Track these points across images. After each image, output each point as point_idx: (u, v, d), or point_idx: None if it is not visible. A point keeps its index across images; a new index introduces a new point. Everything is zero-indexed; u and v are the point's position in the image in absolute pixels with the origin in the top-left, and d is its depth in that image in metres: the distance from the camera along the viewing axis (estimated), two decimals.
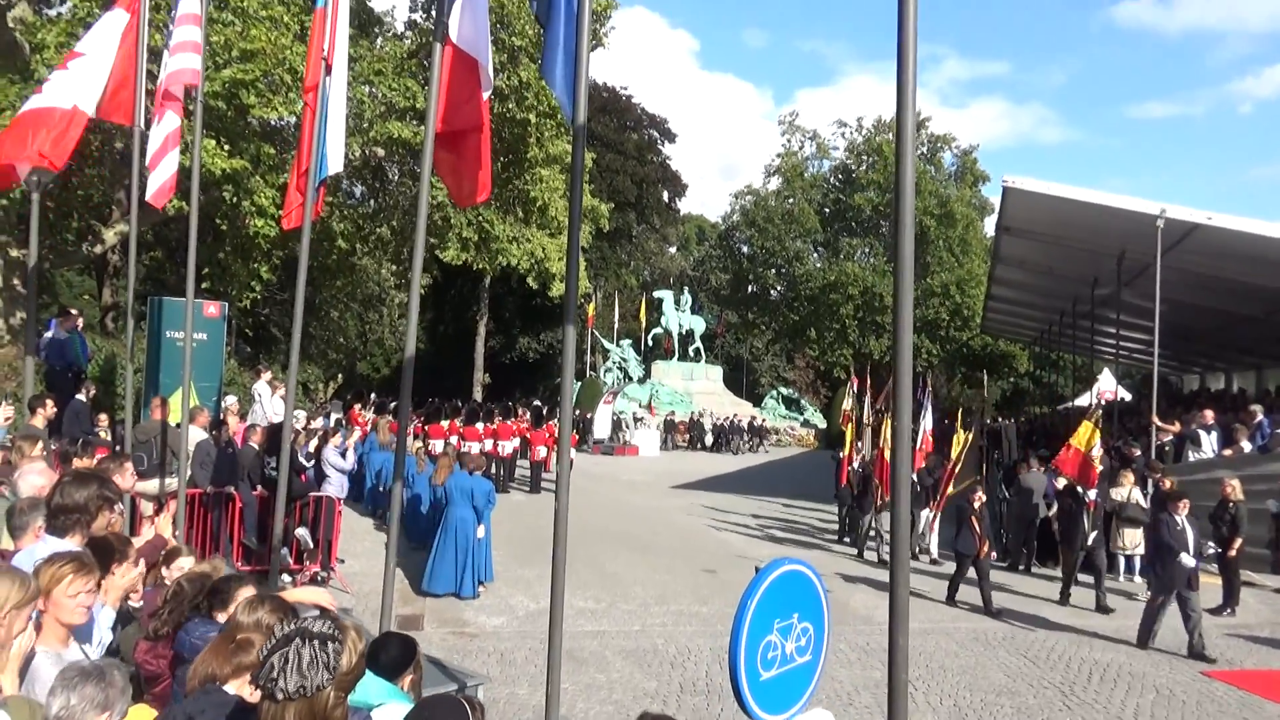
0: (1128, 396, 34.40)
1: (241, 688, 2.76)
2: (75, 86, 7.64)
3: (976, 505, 11.14)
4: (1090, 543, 11.48)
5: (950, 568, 12.78)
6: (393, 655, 3.24)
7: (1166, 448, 15.37)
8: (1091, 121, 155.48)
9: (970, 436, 14.55)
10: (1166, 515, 9.63)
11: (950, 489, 13.69)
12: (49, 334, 11.54)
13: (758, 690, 2.72)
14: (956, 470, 13.71)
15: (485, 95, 5.60)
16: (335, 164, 6.91)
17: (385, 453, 15.65)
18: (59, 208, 17.75)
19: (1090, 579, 11.37)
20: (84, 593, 3.12)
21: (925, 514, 14.03)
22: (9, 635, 2.81)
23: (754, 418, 44.86)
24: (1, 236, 15.68)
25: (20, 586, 2.83)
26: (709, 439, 40.29)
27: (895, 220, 3.01)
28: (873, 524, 14.11)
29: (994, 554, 12.12)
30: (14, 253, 15.58)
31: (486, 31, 5.65)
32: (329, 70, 6.78)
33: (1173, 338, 25.04)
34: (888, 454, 12.57)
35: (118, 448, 9.07)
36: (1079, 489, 11.72)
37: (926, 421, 15.01)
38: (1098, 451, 11.75)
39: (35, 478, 5.11)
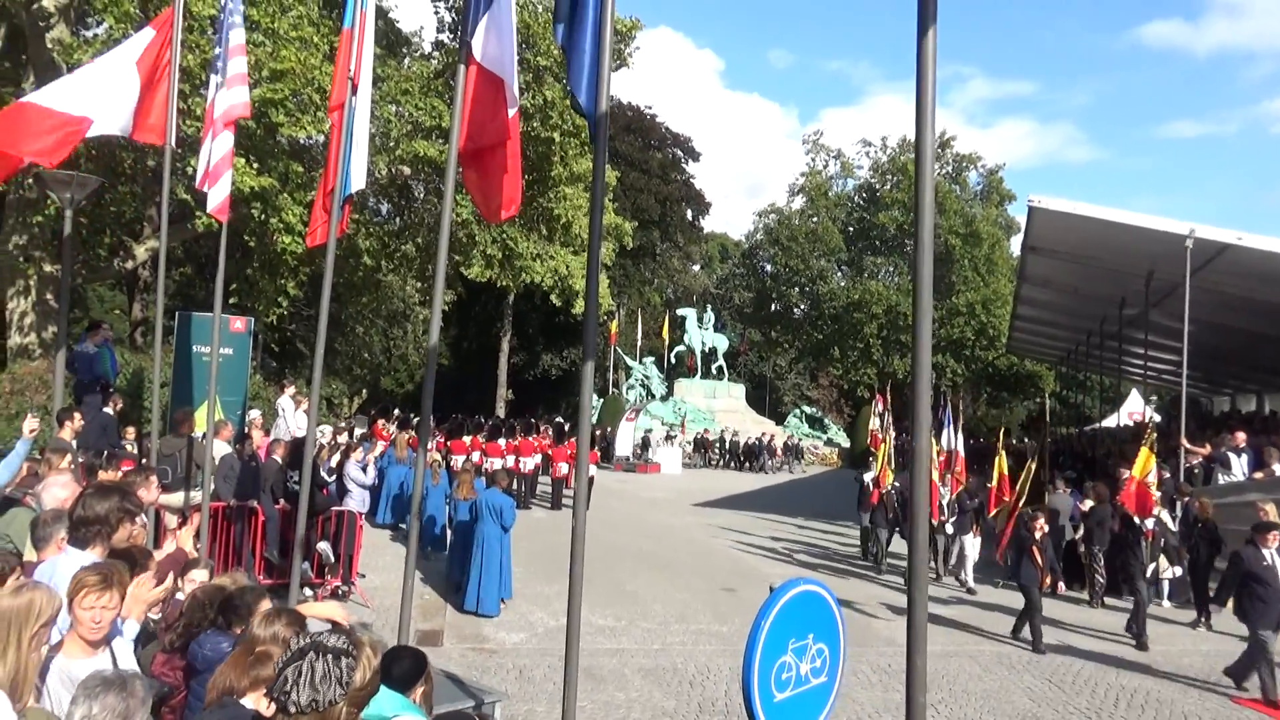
0: (1157, 418, 33.90)
1: (259, 701, 2.77)
2: (89, 97, 7.75)
3: (1039, 535, 10.71)
4: (1149, 574, 11.17)
5: (986, 595, 12.55)
6: (405, 668, 3.25)
7: (1196, 470, 15.13)
8: (1120, 141, 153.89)
9: (1034, 466, 13.78)
10: (1253, 549, 8.90)
11: (1002, 515, 13.21)
12: (79, 347, 11.71)
13: (771, 712, 2.68)
14: (1019, 502, 12.84)
15: (512, 112, 5.64)
16: (358, 181, 6.99)
17: (402, 466, 15.77)
18: (92, 224, 18.05)
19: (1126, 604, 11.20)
20: (99, 608, 3.14)
21: (968, 540, 13.58)
22: (37, 648, 2.85)
23: (789, 436, 44.68)
24: (35, 252, 15.99)
25: (49, 602, 2.88)
26: (738, 457, 40.11)
27: (916, 238, 3.00)
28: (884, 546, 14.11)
29: (1059, 586, 11.98)
30: (48, 268, 15.87)
31: (513, 49, 5.70)
32: (355, 89, 6.87)
33: (1203, 358, 24.71)
34: (934, 476, 12.49)
35: (144, 461, 9.16)
36: (1135, 519, 11.25)
37: (955, 442, 14.72)
38: (1153, 478, 11.38)
39: (59, 490, 5.18)
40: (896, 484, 15.18)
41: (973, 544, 13.61)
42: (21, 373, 14.51)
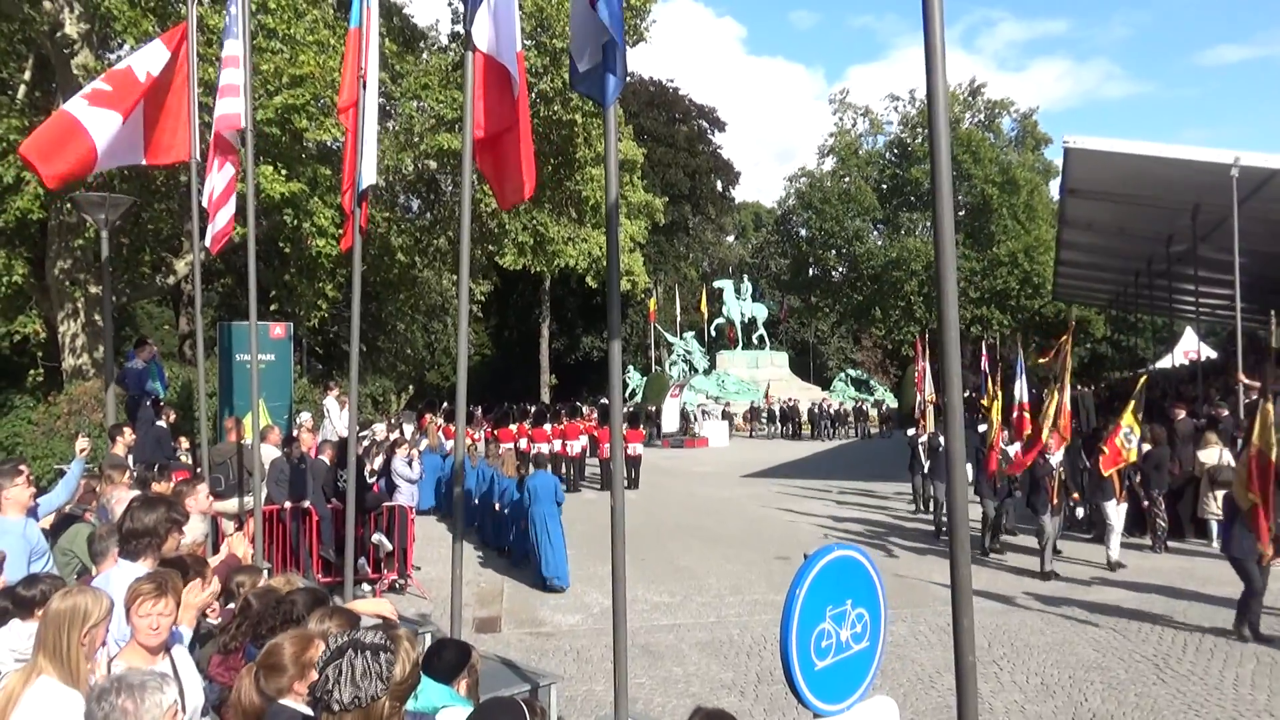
0: (1213, 355, 33.06)
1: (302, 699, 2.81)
2: (105, 128, 7.83)
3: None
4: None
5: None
6: (448, 660, 3.28)
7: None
8: (1161, 73, 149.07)
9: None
10: None
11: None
12: (128, 364, 12.00)
13: (813, 680, 2.65)
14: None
15: (517, 93, 5.60)
16: (370, 175, 7.01)
17: (433, 455, 16.67)
18: (132, 243, 18.43)
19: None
20: (155, 615, 3.23)
21: (1110, 507, 11.43)
22: (92, 649, 2.96)
23: (859, 402, 44.34)
24: (80, 275, 16.38)
25: (96, 604, 2.98)
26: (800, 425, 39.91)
27: (934, 203, 2.91)
28: (1047, 532, 11.09)
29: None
30: (93, 289, 16.26)
31: (513, 35, 5.64)
32: (365, 86, 6.89)
33: (1257, 290, 23.99)
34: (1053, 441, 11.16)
35: (198, 470, 9.37)
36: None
37: (1020, 392, 12.66)
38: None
39: (125, 504, 5.32)
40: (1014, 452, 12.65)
41: (1117, 511, 11.45)
42: (77, 393, 14.92)
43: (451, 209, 23.90)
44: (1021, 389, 12.75)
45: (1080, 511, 12.44)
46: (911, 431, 16.51)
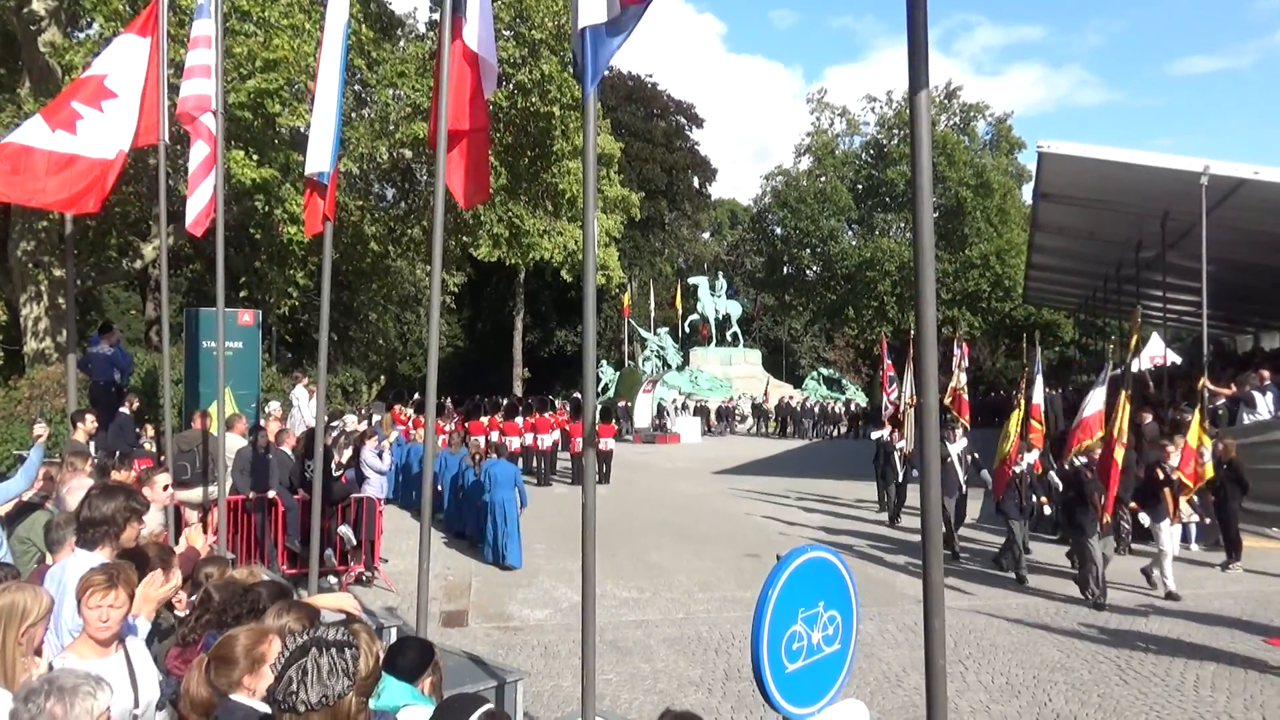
0: (1178, 360, 33.55)
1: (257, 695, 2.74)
2: (114, 132, 7.76)
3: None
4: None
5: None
6: (411, 659, 3.23)
7: (1220, 411, 14.93)
8: (1133, 81, 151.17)
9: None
10: None
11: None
12: (92, 349, 11.76)
13: (783, 683, 2.62)
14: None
15: (488, 94, 5.57)
16: (318, 162, 6.89)
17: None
18: (99, 226, 18.08)
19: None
20: (105, 607, 3.14)
21: (1164, 529, 10.29)
22: (30, 647, 2.87)
23: (850, 401, 44.54)
24: (44, 257, 16.05)
25: (35, 602, 2.89)
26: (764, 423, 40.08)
27: (914, 201, 2.89)
28: (1094, 557, 9.68)
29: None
30: (57, 272, 15.94)
31: (491, 37, 5.60)
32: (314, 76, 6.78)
33: (1223, 298, 24.38)
34: (1118, 453, 9.93)
35: (162, 458, 9.20)
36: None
37: (1096, 401, 10.76)
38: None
39: (80, 492, 5.19)
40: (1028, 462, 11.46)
41: (1170, 533, 10.42)
42: (39, 377, 14.63)
43: (426, 198, 23.66)
44: (1048, 399, 11.96)
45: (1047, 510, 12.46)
46: (878, 434, 16.47)
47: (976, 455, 12.69)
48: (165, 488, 6.13)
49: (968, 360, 14.46)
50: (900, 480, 15.30)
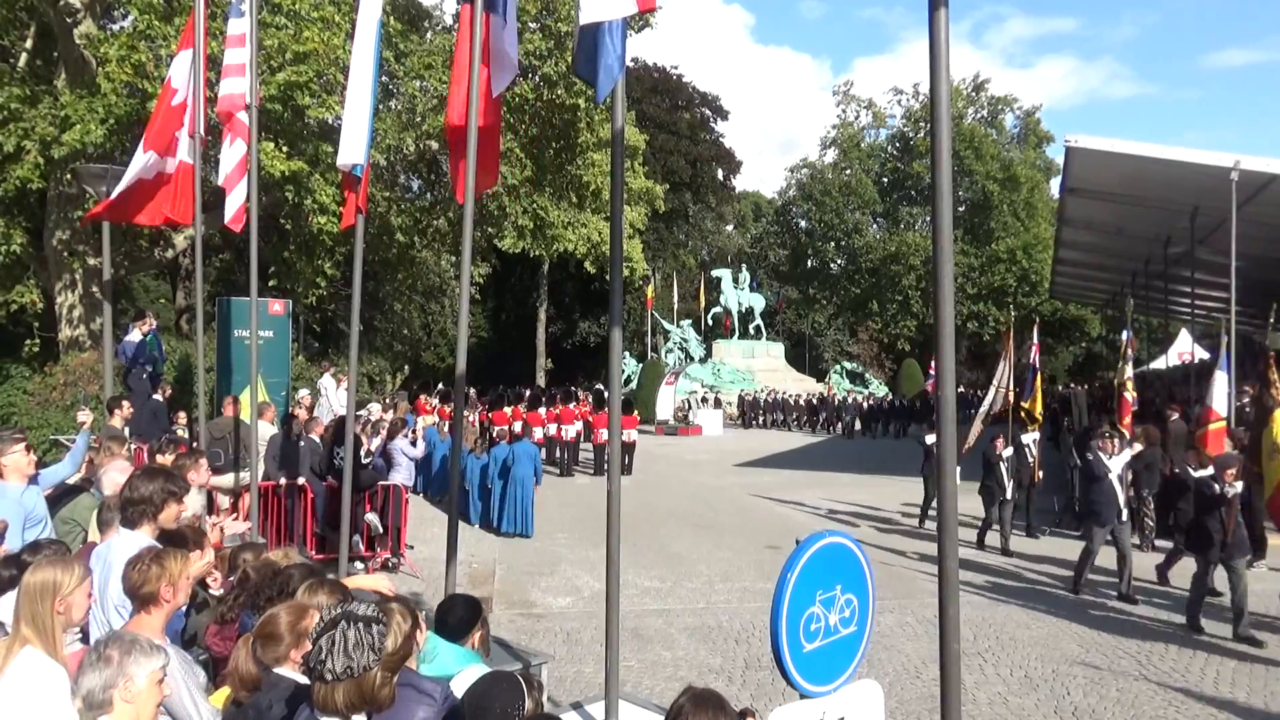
0: (1206, 356, 33.18)
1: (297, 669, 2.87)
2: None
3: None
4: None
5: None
6: (459, 615, 3.37)
7: (1248, 409, 14.78)
8: (1166, 74, 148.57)
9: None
10: None
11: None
12: (126, 337, 12.02)
13: (801, 662, 2.72)
14: None
15: (496, 93, 5.74)
16: (352, 155, 7.03)
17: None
18: None
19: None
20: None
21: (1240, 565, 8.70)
22: (69, 618, 3.02)
23: (887, 396, 44.36)
24: (79, 246, 16.35)
25: (67, 573, 3.06)
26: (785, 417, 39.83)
27: (934, 202, 2.95)
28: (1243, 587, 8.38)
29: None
30: (91, 261, 16.23)
31: (514, 37, 5.73)
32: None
33: (1253, 294, 24.10)
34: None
35: (194, 444, 9.41)
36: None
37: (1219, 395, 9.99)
38: None
39: (117, 475, 5.38)
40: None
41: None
42: (74, 364, 14.93)
43: (452, 190, 23.87)
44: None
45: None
46: (932, 439, 15.71)
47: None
48: (206, 471, 6.31)
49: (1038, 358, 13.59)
50: (1007, 497, 12.41)
